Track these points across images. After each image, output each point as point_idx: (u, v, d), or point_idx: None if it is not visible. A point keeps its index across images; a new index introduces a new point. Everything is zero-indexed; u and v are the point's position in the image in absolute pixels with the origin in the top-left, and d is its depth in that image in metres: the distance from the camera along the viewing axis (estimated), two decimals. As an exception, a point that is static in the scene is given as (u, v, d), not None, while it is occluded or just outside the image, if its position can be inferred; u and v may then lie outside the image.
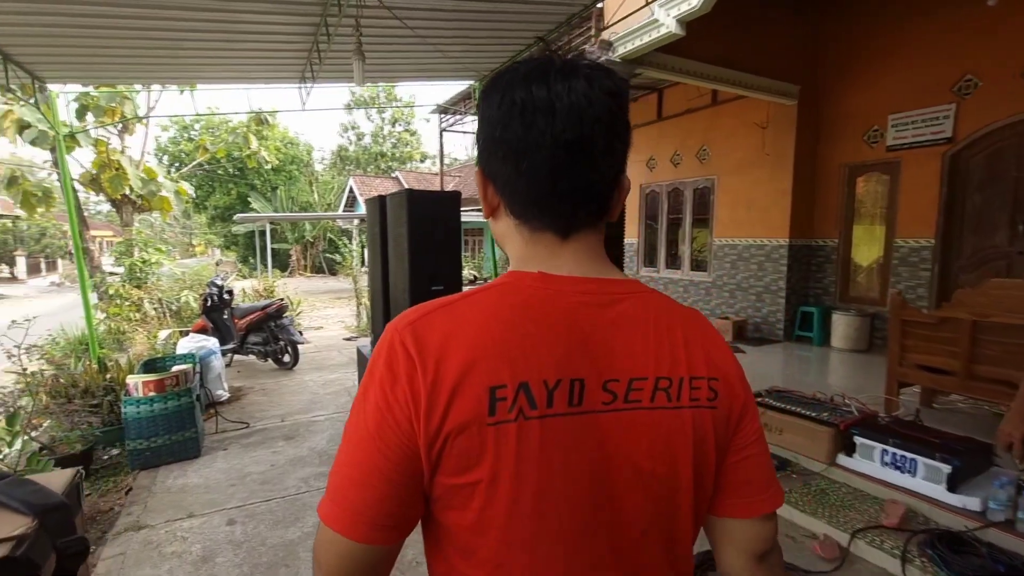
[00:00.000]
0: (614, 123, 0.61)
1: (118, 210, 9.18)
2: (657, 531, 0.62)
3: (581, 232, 0.64)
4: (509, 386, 0.55)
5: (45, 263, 29.38)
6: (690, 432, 0.61)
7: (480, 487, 0.56)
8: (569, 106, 0.58)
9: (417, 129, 34.76)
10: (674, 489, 0.62)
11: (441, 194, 3.26)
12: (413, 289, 3.11)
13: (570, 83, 0.59)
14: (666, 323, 0.64)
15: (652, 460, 0.60)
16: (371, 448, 0.57)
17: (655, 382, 0.61)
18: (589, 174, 0.61)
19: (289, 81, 5.47)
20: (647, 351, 0.61)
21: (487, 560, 0.58)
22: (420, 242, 3.10)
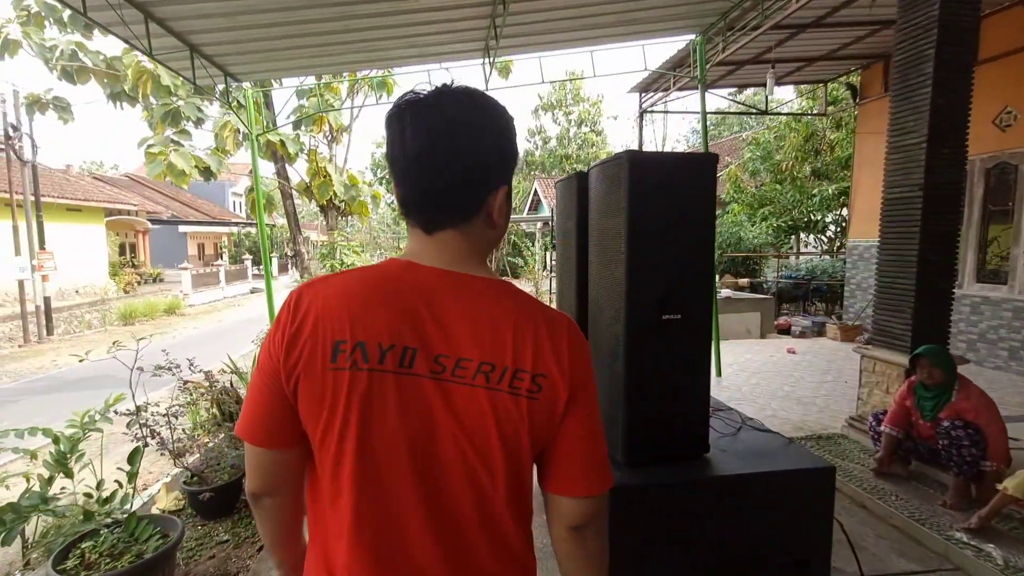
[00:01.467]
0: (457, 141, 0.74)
1: (324, 215, 9.80)
2: (469, 488, 0.75)
3: (444, 230, 0.79)
4: (349, 342, 0.72)
5: (291, 262, 35.48)
6: (502, 411, 0.74)
7: (321, 427, 0.73)
8: (417, 129, 0.74)
9: (603, 128, 33.64)
10: (485, 453, 0.74)
11: (685, 159, 1.98)
12: (632, 317, 1.88)
13: (425, 110, 0.75)
14: (512, 320, 0.76)
15: (468, 426, 0.73)
16: (259, 377, 0.77)
17: (479, 365, 0.74)
18: (437, 181, 0.75)
19: (472, 54, 4.66)
20: (479, 338, 0.74)
21: (325, 496, 0.76)
22: (647, 240, 1.84)
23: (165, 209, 26.61)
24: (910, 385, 3.14)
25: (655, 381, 1.96)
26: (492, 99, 0.80)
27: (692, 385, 2.02)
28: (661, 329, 1.93)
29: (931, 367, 3.00)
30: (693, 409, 2.03)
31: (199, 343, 11.47)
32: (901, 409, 3.15)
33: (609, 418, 2.04)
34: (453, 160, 0.74)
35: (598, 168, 2.12)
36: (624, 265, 1.88)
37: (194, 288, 18.90)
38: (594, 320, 2.26)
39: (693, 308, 1.96)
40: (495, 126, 0.78)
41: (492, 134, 0.78)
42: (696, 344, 2.00)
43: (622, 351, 1.92)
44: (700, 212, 1.94)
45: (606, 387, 2.11)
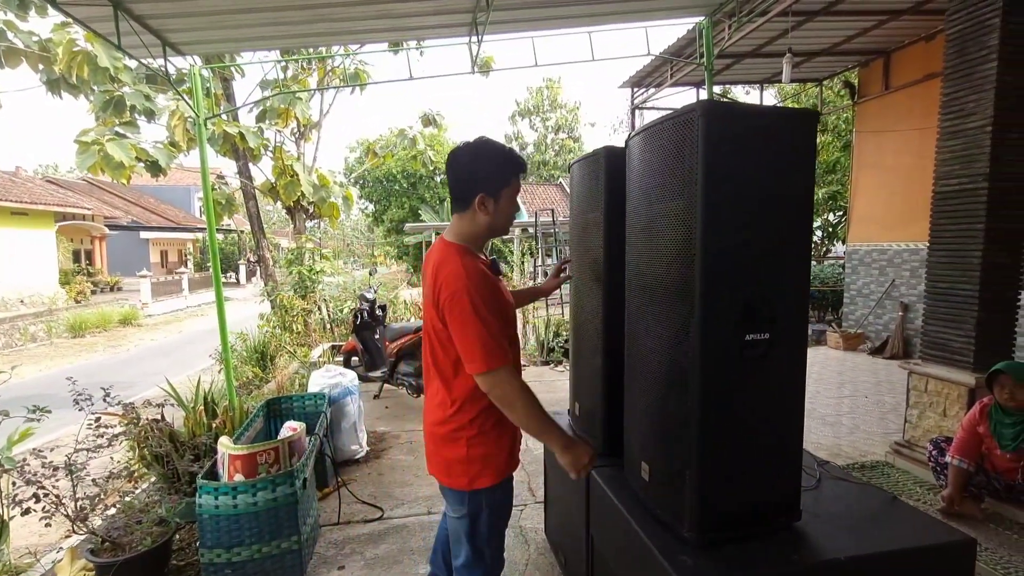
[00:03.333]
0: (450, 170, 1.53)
1: (292, 217, 9.04)
2: (429, 349, 1.56)
3: (453, 215, 1.56)
4: None
5: (257, 269, 34.18)
6: (432, 312, 1.49)
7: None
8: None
9: (581, 135, 33.44)
10: (429, 334, 1.54)
11: (779, 114, 1.43)
12: (707, 337, 1.31)
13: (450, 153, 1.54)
14: (432, 263, 1.52)
15: (425, 319, 1.55)
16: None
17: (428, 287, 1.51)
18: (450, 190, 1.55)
19: (457, 30, 4.08)
20: (426, 272, 1.55)
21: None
22: (729, 229, 1.28)
23: (124, 214, 25.21)
24: (983, 408, 2.66)
25: (735, 426, 1.40)
26: (476, 144, 1.54)
27: (782, 430, 1.46)
28: (741, 353, 1.38)
29: (1015, 386, 2.53)
30: (782, 462, 1.47)
31: (154, 356, 10.55)
32: (972, 437, 2.67)
33: (669, 477, 1.47)
34: (449, 178, 1.54)
35: (645, 135, 1.55)
36: (697, 264, 1.31)
37: (154, 297, 17.76)
38: (634, 339, 1.69)
39: (785, 323, 1.40)
40: (469, 160, 1.52)
41: (466, 165, 1.52)
42: (788, 372, 1.44)
43: (694, 386, 1.35)
44: (797, 190, 1.39)
45: (657, 431, 1.54)
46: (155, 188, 30.60)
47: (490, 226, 1.54)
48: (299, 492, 2.30)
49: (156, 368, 9.39)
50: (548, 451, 2.60)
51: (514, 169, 1.54)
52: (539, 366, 6.71)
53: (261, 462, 2.30)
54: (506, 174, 1.52)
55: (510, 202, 1.54)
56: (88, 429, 2.43)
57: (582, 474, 1.50)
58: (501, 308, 1.47)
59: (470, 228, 1.54)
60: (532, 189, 24.79)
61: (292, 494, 2.27)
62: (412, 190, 28.65)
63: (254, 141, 6.74)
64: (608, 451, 1.98)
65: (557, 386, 5.70)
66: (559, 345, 6.99)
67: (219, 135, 6.34)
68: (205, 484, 2.19)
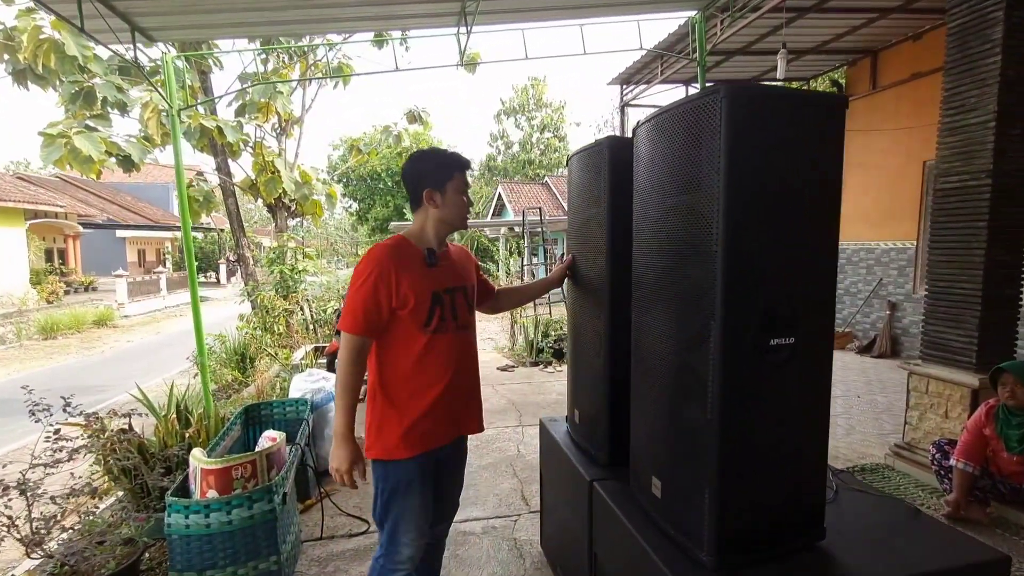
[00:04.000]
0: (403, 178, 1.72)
1: (273, 215, 8.79)
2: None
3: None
4: None
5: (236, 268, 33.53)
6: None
7: None
8: None
9: (567, 134, 33.42)
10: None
11: (806, 99, 1.32)
12: (728, 341, 1.19)
13: None
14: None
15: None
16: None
17: None
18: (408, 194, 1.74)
19: (445, 19, 3.93)
20: None
21: None
22: (752, 223, 1.17)
23: (100, 212, 24.49)
24: (989, 410, 2.60)
25: (757, 438, 1.28)
26: (419, 151, 1.74)
27: (806, 441, 1.35)
28: (763, 359, 1.26)
29: (1015, 384, 2.47)
30: (807, 477, 1.36)
31: (130, 358, 10.20)
32: (977, 439, 2.60)
33: (684, 494, 1.35)
34: (404, 186, 1.73)
35: (657, 123, 1.43)
36: (718, 263, 1.19)
37: (131, 297, 17.25)
38: (643, 343, 1.56)
39: (810, 326, 1.29)
40: (414, 163, 1.71)
41: (412, 167, 1.70)
42: (812, 380, 1.33)
43: (713, 395, 1.23)
44: (824, 182, 1.28)
45: (671, 444, 1.42)
46: (133, 186, 29.85)
47: (441, 218, 1.69)
48: (278, 508, 2.14)
49: (131, 371, 9.07)
50: (542, 456, 2.46)
51: (456, 165, 1.69)
52: (528, 367, 6.59)
53: (236, 476, 2.13)
54: (449, 169, 1.68)
55: (457, 195, 1.68)
56: (46, 442, 2.24)
57: (338, 479, 1.57)
58: (392, 288, 1.56)
59: (421, 222, 1.71)
60: (518, 188, 24.68)
61: (270, 511, 2.11)
62: (397, 188, 28.37)
63: (233, 136, 6.50)
64: (612, 461, 1.86)
65: (547, 388, 5.58)
66: (548, 346, 6.87)
67: (196, 129, 6.10)
68: (175, 502, 2.02)
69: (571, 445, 2.12)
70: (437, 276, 1.64)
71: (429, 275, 1.62)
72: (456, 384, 1.66)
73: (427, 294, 1.60)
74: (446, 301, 1.64)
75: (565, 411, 4.67)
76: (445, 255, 1.72)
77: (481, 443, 3.94)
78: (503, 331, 9.00)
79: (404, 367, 1.60)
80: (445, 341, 1.63)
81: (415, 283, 1.58)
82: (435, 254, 1.65)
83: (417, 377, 1.61)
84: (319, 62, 8.52)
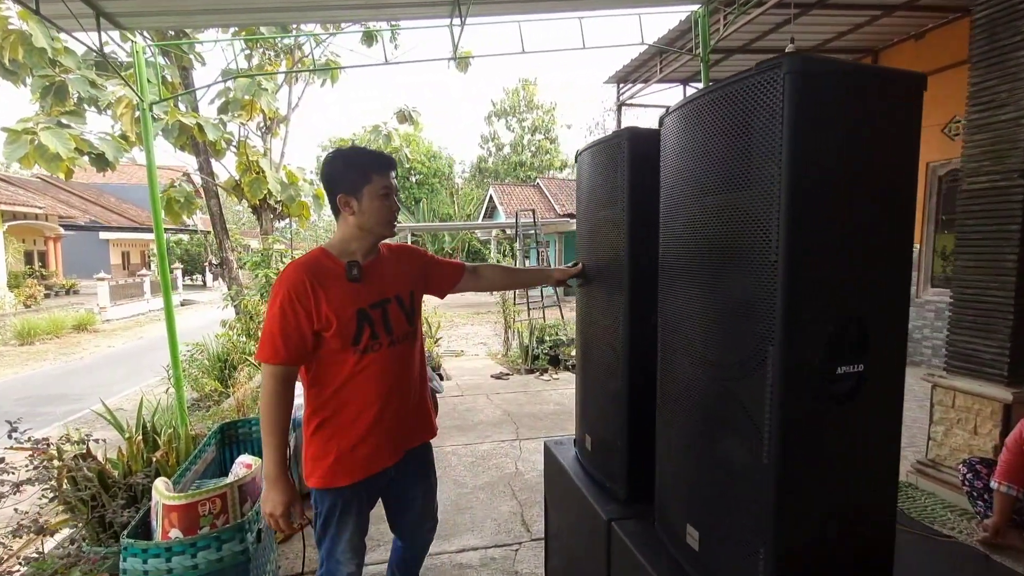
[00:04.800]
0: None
1: (258, 217, 8.49)
2: None
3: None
4: None
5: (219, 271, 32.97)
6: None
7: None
8: None
9: (557, 136, 33.31)
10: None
11: (879, 76, 1.11)
12: (789, 370, 0.97)
13: None
14: None
15: None
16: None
17: None
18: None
19: (437, 9, 3.70)
20: None
21: None
22: (820, 227, 0.96)
23: (82, 213, 23.97)
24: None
25: (821, 487, 1.06)
26: (335, 150, 1.59)
27: (874, 486, 1.14)
28: (827, 391, 1.04)
29: None
30: (875, 527, 1.15)
31: (110, 365, 9.86)
32: (1019, 459, 2.41)
33: (730, 548, 1.13)
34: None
35: (694, 109, 1.21)
36: (779, 272, 0.97)
37: (113, 300, 16.83)
38: (674, 365, 1.34)
39: (881, 350, 1.08)
40: (326, 166, 1.54)
41: (325, 171, 1.54)
42: (883, 414, 1.12)
43: (770, 434, 1.01)
44: (899, 176, 1.07)
45: (707, 486, 1.20)
46: (117, 187, 29.27)
47: (359, 225, 1.52)
48: (251, 548, 1.89)
49: (111, 378, 8.73)
50: (547, 481, 2.23)
51: (374, 166, 1.50)
52: (523, 374, 6.36)
53: (204, 513, 1.88)
54: (364, 172, 1.50)
55: (378, 199, 1.50)
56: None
57: (272, 524, 1.47)
58: (310, 309, 1.44)
59: (341, 232, 1.56)
60: (510, 190, 24.46)
61: (242, 551, 1.86)
62: (387, 190, 28.16)
63: (214, 134, 6.22)
64: (632, 497, 1.64)
65: (544, 397, 5.35)
66: (544, 352, 6.65)
67: (174, 126, 5.81)
68: (131, 544, 1.77)
69: (582, 474, 1.89)
70: (362, 291, 1.52)
71: (352, 291, 1.50)
72: (394, 403, 1.57)
73: (351, 312, 1.48)
74: (375, 317, 1.53)
75: (563, 423, 4.40)
76: (375, 264, 1.58)
77: (477, 460, 3.70)
78: (496, 336, 8.77)
79: (333, 391, 1.51)
80: (378, 359, 1.53)
81: (335, 302, 1.46)
82: (358, 267, 1.52)
83: (350, 400, 1.51)
84: (305, 59, 8.25)
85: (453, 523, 2.83)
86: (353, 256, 1.53)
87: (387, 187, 1.51)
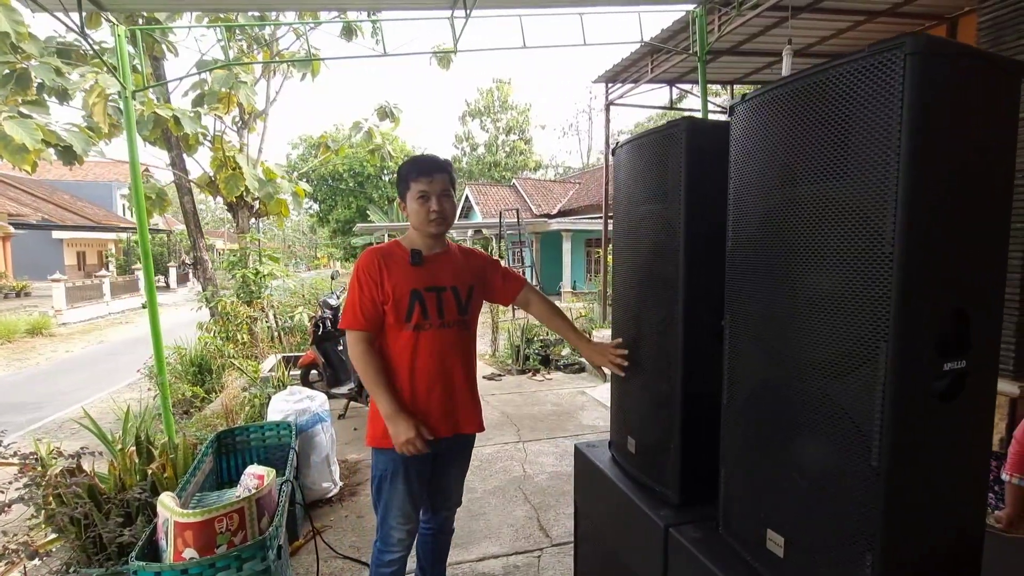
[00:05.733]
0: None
1: (234, 215, 8.16)
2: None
3: None
4: None
5: (192, 272, 31.76)
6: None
7: None
8: None
9: (532, 137, 33.35)
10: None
11: (987, 61, 1.07)
12: (903, 370, 0.94)
13: None
14: None
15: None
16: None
17: None
18: None
19: (438, 2, 3.59)
20: None
21: None
22: (933, 220, 0.93)
23: (34, 212, 22.68)
24: (1038, 420, 2.47)
25: (923, 489, 1.02)
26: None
27: (968, 488, 1.11)
28: (932, 388, 1.01)
29: None
30: (968, 531, 1.12)
31: (70, 370, 9.32)
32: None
33: (826, 556, 1.08)
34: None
35: (778, 96, 1.15)
36: (895, 261, 0.93)
37: (70, 303, 15.96)
38: (743, 368, 1.29)
39: (981, 345, 1.05)
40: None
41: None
42: (979, 411, 1.09)
43: (883, 436, 0.96)
44: (1002, 165, 1.04)
45: (797, 491, 1.15)
46: (70, 184, 27.88)
47: (411, 225, 1.79)
48: (272, 566, 1.76)
49: (72, 384, 8.25)
50: (578, 485, 2.16)
51: (412, 173, 1.72)
52: (515, 375, 6.28)
53: (221, 530, 1.74)
54: (404, 179, 1.75)
55: (416, 202, 1.73)
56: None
57: (409, 449, 1.62)
58: (379, 285, 1.69)
59: (406, 227, 1.86)
60: (485, 190, 24.37)
61: (264, 571, 1.73)
62: (360, 189, 27.59)
63: (191, 127, 5.93)
64: (685, 501, 1.58)
65: (540, 398, 5.29)
66: (534, 352, 6.59)
67: (149, 118, 5.50)
68: (142, 568, 1.61)
69: (624, 478, 1.83)
70: (421, 275, 1.73)
71: (412, 274, 1.73)
72: (444, 378, 1.75)
73: (406, 291, 1.70)
74: (429, 299, 1.73)
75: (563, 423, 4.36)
76: (439, 256, 1.80)
77: (483, 464, 3.61)
78: (481, 336, 8.67)
79: (391, 359, 1.73)
80: (429, 337, 1.72)
81: (396, 281, 1.70)
82: (419, 255, 1.75)
83: (402, 369, 1.72)
84: (283, 52, 7.97)
85: (469, 530, 2.73)
86: (415, 246, 1.77)
87: (423, 191, 1.71)
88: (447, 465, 1.89)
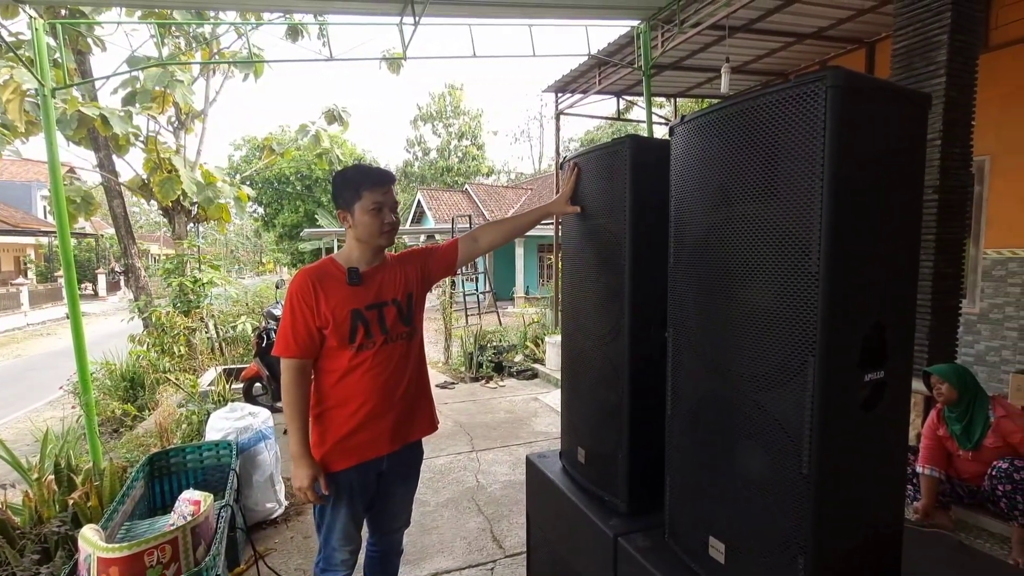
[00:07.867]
0: None
1: (170, 220, 7.73)
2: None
3: None
4: None
5: (123, 279, 29.81)
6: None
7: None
8: None
9: (484, 142, 33.41)
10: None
11: (895, 93, 1.13)
12: (827, 378, 0.99)
13: None
14: None
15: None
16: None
17: None
18: None
19: (387, 9, 3.55)
20: None
21: None
22: (856, 240, 0.98)
23: (-62, 214, 20.66)
24: (939, 412, 2.71)
25: (847, 494, 1.09)
26: (341, 168, 1.90)
27: (887, 492, 1.19)
28: (854, 398, 1.08)
29: (938, 383, 2.63)
30: (888, 531, 1.20)
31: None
32: (935, 443, 2.69)
33: (762, 559, 1.12)
34: None
35: (714, 120, 1.21)
36: (821, 280, 0.99)
37: (-20, 315, 14.63)
38: (685, 379, 1.34)
39: (897, 357, 1.13)
40: (333, 182, 1.72)
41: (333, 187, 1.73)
42: (895, 419, 1.17)
43: (811, 443, 1.02)
44: (911, 190, 1.13)
45: (733, 497, 1.20)
46: (-17, 183, 25.58)
47: (356, 237, 1.69)
48: (210, 598, 1.66)
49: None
50: (530, 496, 2.17)
51: (366, 182, 1.64)
52: (468, 383, 6.25)
53: (151, 564, 1.63)
54: (357, 189, 1.64)
55: (368, 214, 1.64)
56: None
57: (301, 496, 1.62)
58: (314, 309, 1.62)
59: (346, 242, 1.74)
60: (437, 195, 24.16)
61: (200, 604, 1.63)
62: (307, 193, 26.78)
63: (121, 127, 5.58)
64: (633, 510, 1.61)
65: (494, 406, 5.27)
66: (488, 359, 6.58)
67: (72, 116, 5.13)
68: (61, 608, 1.49)
69: (574, 489, 1.85)
70: (359, 293, 1.67)
71: (351, 293, 1.66)
72: (390, 395, 1.71)
73: (346, 312, 1.64)
74: (370, 317, 1.67)
75: (517, 431, 4.37)
76: (377, 270, 1.73)
77: (436, 475, 3.56)
78: (434, 344, 8.57)
79: (332, 383, 1.67)
80: (372, 356, 1.67)
81: (335, 303, 1.63)
82: (357, 273, 1.68)
83: (346, 393, 1.66)
84: (224, 52, 7.65)
85: (421, 545, 2.68)
86: (354, 264, 1.68)
87: (377, 203, 1.63)
88: (392, 484, 1.83)
